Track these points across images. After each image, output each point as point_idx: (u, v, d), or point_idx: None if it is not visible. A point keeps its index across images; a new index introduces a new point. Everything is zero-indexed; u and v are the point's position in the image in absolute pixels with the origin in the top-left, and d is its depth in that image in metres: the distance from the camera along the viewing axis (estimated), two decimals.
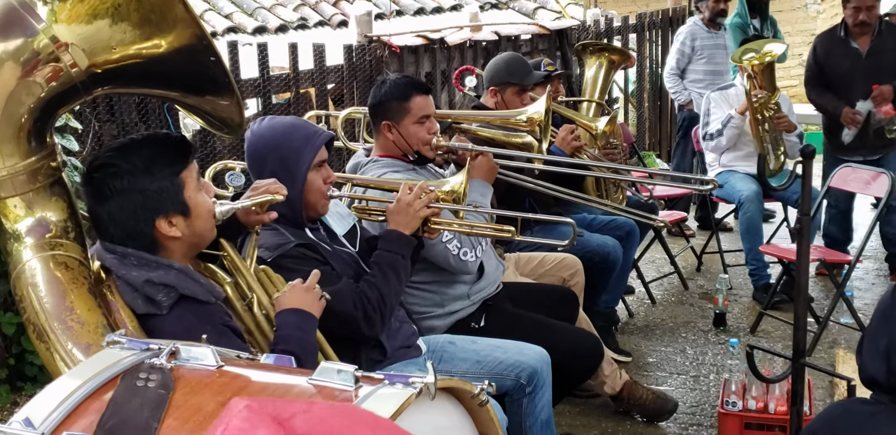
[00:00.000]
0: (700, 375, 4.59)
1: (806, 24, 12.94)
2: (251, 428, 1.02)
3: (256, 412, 1.03)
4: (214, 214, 2.27)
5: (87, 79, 2.10)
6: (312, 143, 2.85)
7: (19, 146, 2.09)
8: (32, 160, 2.11)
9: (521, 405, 3.12)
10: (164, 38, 2.08)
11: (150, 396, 1.35)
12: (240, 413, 1.03)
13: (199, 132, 4.69)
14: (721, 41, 7.15)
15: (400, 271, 2.93)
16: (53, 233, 2.13)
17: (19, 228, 2.12)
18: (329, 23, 8.90)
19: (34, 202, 2.13)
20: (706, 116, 5.85)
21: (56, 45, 2.04)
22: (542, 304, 3.72)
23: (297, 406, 1.07)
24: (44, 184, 2.14)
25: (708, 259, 6.31)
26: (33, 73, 2.05)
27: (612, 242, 4.48)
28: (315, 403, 1.10)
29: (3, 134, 2.06)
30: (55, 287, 2.06)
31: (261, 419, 1.03)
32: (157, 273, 2.12)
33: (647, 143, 8.90)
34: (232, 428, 1.03)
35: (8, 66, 2.04)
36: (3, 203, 2.12)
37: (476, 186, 3.49)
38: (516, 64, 4.55)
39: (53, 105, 2.13)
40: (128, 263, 2.14)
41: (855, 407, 2.22)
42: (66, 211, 2.18)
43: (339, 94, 5.50)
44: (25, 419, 1.36)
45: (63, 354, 1.98)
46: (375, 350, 2.92)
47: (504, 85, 4.50)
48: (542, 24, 7.42)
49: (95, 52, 2.07)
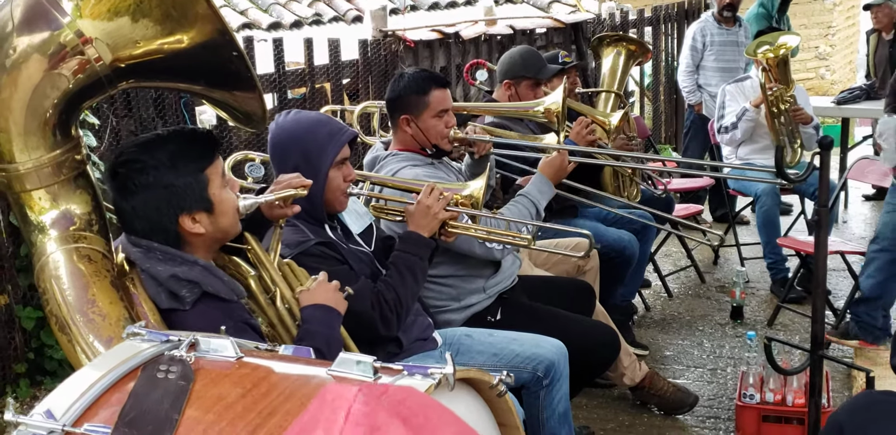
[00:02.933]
0: (717, 368, 4.58)
1: (822, 17, 12.86)
2: (373, 412, 1.04)
3: (371, 395, 1.06)
4: (238, 210, 2.27)
5: (112, 73, 2.12)
6: (337, 140, 2.85)
7: (45, 139, 2.10)
8: (57, 153, 2.12)
9: (539, 398, 3.13)
10: (187, 33, 2.09)
11: (170, 387, 1.36)
12: (357, 397, 1.04)
13: (215, 127, 4.69)
14: (734, 38, 7.05)
15: (417, 273, 2.94)
16: (77, 225, 2.15)
17: (44, 219, 2.13)
18: (344, 18, 8.89)
19: (59, 195, 2.14)
20: (721, 109, 5.83)
21: (81, 40, 2.05)
22: (559, 297, 3.72)
23: (377, 387, 1.10)
24: (68, 176, 2.15)
25: (725, 252, 6.29)
26: (59, 66, 2.06)
27: (629, 236, 4.47)
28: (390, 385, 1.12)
29: (28, 126, 2.08)
30: (78, 280, 2.07)
31: (378, 403, 1.05)
32: (182, 268, 2.13)
33: (663, 137, 8.87)
34: (356, 412, 1.03)
35: (34, 59, 2.06)
36: (29, 195, 2.13)
37: (538, 182, 3.50)
38: (531, 57, 4.54)
39: (78, 98, 2.15)
40: (153, 257, 2.15)
41: (880, 399, 2.22)
42: (90, 204, 2.19)
43: (354, 89, 5.50)
44: (47, 411, 1.37)
45: (84, 346, 1.99)
46: (392, 343, 2.93)
47: (519, 78, 4.49)
48: (557, 18, 7.39)
49: (119, 46, 2.08)
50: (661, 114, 8.87)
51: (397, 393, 1.11)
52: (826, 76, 12.99)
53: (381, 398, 1.07)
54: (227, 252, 2.39)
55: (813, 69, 12.89)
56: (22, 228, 2.22)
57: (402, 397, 1.10)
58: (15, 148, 2.10)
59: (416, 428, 1.06)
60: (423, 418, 1.08)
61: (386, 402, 1.07)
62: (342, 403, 1.05)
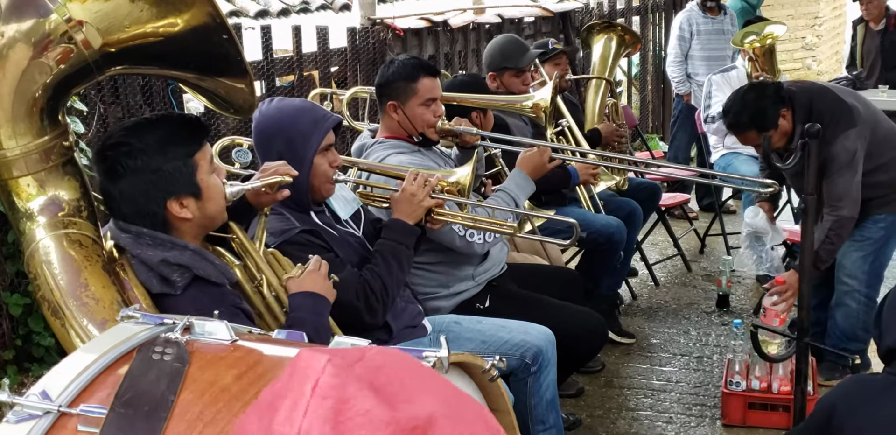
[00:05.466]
0: (704, 356, 4.61)
1: (809, 8, 12.89)
2: (342, 384, 1.00)
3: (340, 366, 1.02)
4: (226, 196, 2.27)
5: (101, 58, 2.10)
6: (320, 126, 2.84)
7: (32, 125, 2.09)
8: (45, 139, 2.11)
9: (527, 384, 3.15)
10: (179, 16, 2.08)
11: (165, 369, 1.37)
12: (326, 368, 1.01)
13: (202, 115, 4.68)
14: (719, 26, 7.05)
15: (402, 260, 2.94)
16: (66, 211, 2.14)
17: (31, 206, 2.12)
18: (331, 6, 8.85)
19: (47, 181, 2.13)
20: (708, 99, 5.85)
21: (70, 24, 2.04)
22: (547, 285, 3.73)
23: (353, 354, 1.07)
24: (56, 163, 2.14)
25: (711, 241, 6.33)
26: (46, 51, 2.05)
27: (616, 222, 4.48)
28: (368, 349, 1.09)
29: (16, 112, 2.07)
30: (69, 264, 2.07)
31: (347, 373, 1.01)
32: (173, 253, 2.13)
33: (651, 126, 8.89)
34: (324, 384, 1.01)
35: (21, 45, 2.05)
36: (16, 182, 2.12)
37: (517, 178, 3.50)
38: (510, 47, 4.55)
39: (67, 84, 2.13)
40: (143, 243, 2.15)
41: (869, 379, 2.25)
42: (78, 190, 2.18)
43: (342, 77, 5.49)
44: (42, 392, 1.37)
45: (79, 329, 1.99)
46: (381, 330, 2.94)
47: (501, 70, 4.52)
48: (546, 7, 7.39)
49: (109, 30, 2.07)
50: (648, 103, 8.89)
51: (375, 358, 1.08)
52: (812, 66, 13.04)
53: (355, 366, 1.04)
54: (211, 242, 2.39)
55: (799, 59, 12.92)
56: (9, 216, 2.21)
57: (379, 363, 1.08)
58: (2, 134, 2.09)
59: (391, 396, 1.02)
60: (400, 386, 1.05)
61: (361, 369, 1.04)
62: (311, 373, 1.03)
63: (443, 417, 1.02)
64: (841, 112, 3.82)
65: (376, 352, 1.09)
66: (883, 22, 7.99)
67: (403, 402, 1.03)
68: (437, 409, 1.03)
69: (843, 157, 3.77)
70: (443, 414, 1.03)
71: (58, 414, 1.33)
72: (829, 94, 3.91)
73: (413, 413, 1.01)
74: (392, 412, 0.99)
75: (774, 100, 3.87)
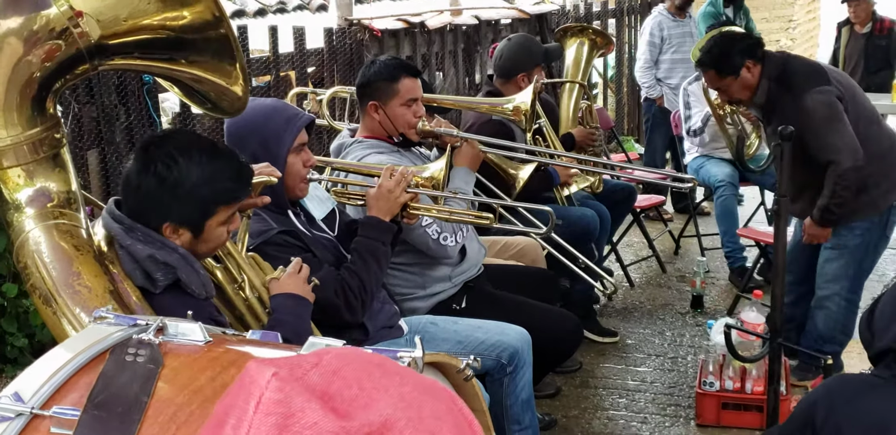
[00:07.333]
0: (678, 356, 4.64)
1: (783, 11, 12.99)
2: (286, 398, 0.97)
3: (286, 380, 0.99)
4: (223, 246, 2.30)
5: (97, 50, 2.08)
6: (293, 125, 2.84)
7: (23, 116, 2.06)
8: (37, 130, 2.08)
9: (502, 385, 3.16)
10: (178, 10, 2.07)
11: (139, 370, 1.36)
12: (270, 383, 0.98)
13: (178, 115, 4.66)
14: (688, 29, 7.06)
15: (380, 258, 2.94)
16: (56, 202, 2.11)
17: (19, 197, 2.09)
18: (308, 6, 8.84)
19: (36, 173, 2.10)
20: (687, 109, 5.85)
21: (69, 15, 2.01)
22: (523, 285, 3.75)
23: (308, 360, 1.04)
24: (47, 155, 2.11)
25: (685, 242, 6.37)
26: (43, 42, 2.01)
27: (591, 212, 4.52)
28: (326, 352, 1.07)
29: (8, 103, 2.04)
30: (60, 254, 2.05)
31: (292, 387, 0.98)
32: (161, 252, 2.13)
33: (626, 128, 8.93)
34: (267, 400, 0.98)
35: (17, 34, 2.01)
36: (5, 173, 2.09)
37: (460, 174, 3.51)
38: (533, 44, 4.65)
39: (61, 76, 2.11)
40: (134, 237, 2.14)
41: (851, 378, 2.26)
42: (68, 183, 2.16)
43: (319, 78, 5.48)
44: (14, 394, 1.36)
45: (71, 317, 1.98)
46: (358, 331, 2.94)
47: (530, 69, 4.53)
48: (522, 9, 7.41)
49: (108, 23, 2.04)
50: (623, 105, 8.94)
51: (332, 363, 1.05)
52: None
53: (308, 374, 1.01)
54: None
55: None
56: None
57: (336, 367, 1.04)
58: None
59: (348, 401, 1.00)
60: (358, 389, 1.02)
61: (315, 376, 1.00)
62: (255, 389, 0.99)
63: (402, 418, 1.00)
64: (814, 71, 3.81)
65: (334, 356, 1.06)
66: (869, 25, 8.05)
67: (359, 407, 1.00)
68: (394, 411, 1.00)
69: (821, 111, 3.73)
70: (402, 416, 1.01)
71: (30, 416, 1.32)
72: (807, 60, 3.92)
73: (366, 419, 0.98)
74: (341, 422, 0.97)
75: (742, 49, 3.91)
